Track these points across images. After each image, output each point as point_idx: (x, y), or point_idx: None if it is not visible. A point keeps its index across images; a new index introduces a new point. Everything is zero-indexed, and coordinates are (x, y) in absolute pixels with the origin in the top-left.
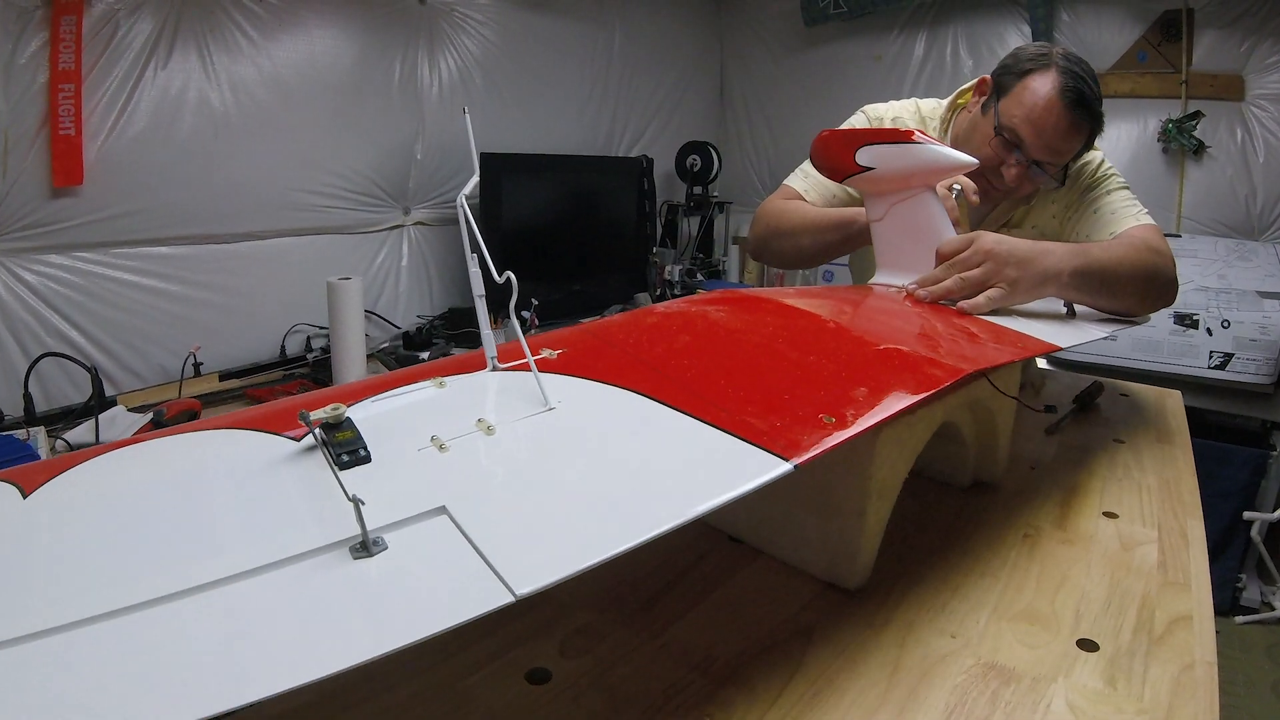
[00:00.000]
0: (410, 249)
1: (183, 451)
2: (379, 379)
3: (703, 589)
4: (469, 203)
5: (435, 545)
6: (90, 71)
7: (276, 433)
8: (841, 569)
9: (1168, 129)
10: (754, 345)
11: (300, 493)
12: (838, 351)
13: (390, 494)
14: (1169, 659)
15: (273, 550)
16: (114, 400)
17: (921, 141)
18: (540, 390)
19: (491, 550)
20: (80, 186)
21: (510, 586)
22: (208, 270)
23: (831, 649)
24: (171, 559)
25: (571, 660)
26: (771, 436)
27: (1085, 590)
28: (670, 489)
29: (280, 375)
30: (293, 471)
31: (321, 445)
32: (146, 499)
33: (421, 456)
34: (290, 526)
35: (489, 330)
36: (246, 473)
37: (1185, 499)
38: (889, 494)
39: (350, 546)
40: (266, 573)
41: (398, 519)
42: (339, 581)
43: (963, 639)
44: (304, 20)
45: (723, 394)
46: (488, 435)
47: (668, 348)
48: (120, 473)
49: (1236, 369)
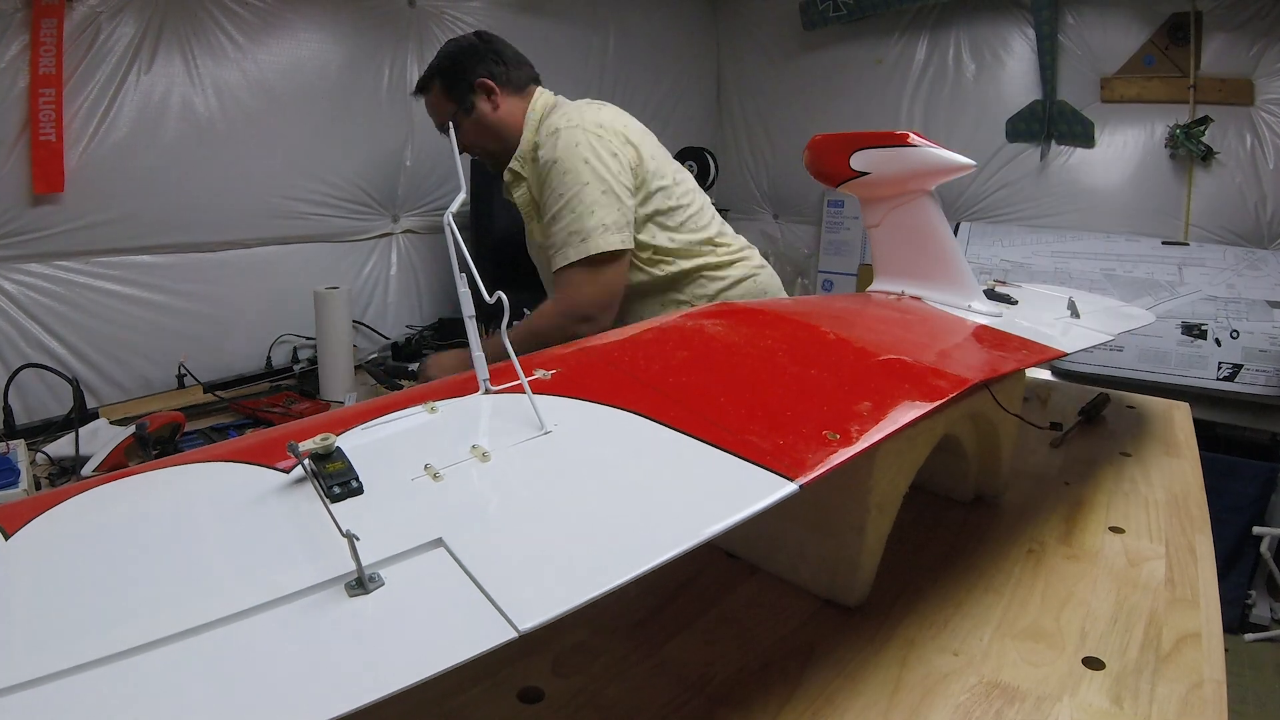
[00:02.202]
0: (399, 258)
1: (169, 488)
2: (369, 405)
3: (699, 606)
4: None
5: (433, 579)
6: (72, 76)
7: (265, 464)
8: (841, 585)
9: (1175, 135)
10: (754, 359)
11: (292, 528)
12: (839, 364)
13: (385, 526)
14: (1177, 677)
15: (266, 590)
16: (96, 412)
17: (918, 144)
18: (535, 413)
19: (491, 583)
20: (61, 194)
21: (513, 621)
22: (192, 279)
23: (831, 667)
24: (160, 602)
25: (565, 678)
26: (776, 456)
27: (1091, 607)
28: (674, 513)
29: (266, 387)
30: (283, 505)
31: (312, 477)
32: (133, 539)
33: (415, 486)
34: (283, 564)
35: (480, 352)
36: (235, 508)
37: (1193, 513)
38: (889, 509)
39: (346, 583)
40: (260, 614)
41: (393, 553)
42: (336, 621)
43: (966, 657)
44: (290, 23)
45: (724, 412)
46: (483, 462)
47: (665, 364)
48: (105, 511)
49: (1246, 380)
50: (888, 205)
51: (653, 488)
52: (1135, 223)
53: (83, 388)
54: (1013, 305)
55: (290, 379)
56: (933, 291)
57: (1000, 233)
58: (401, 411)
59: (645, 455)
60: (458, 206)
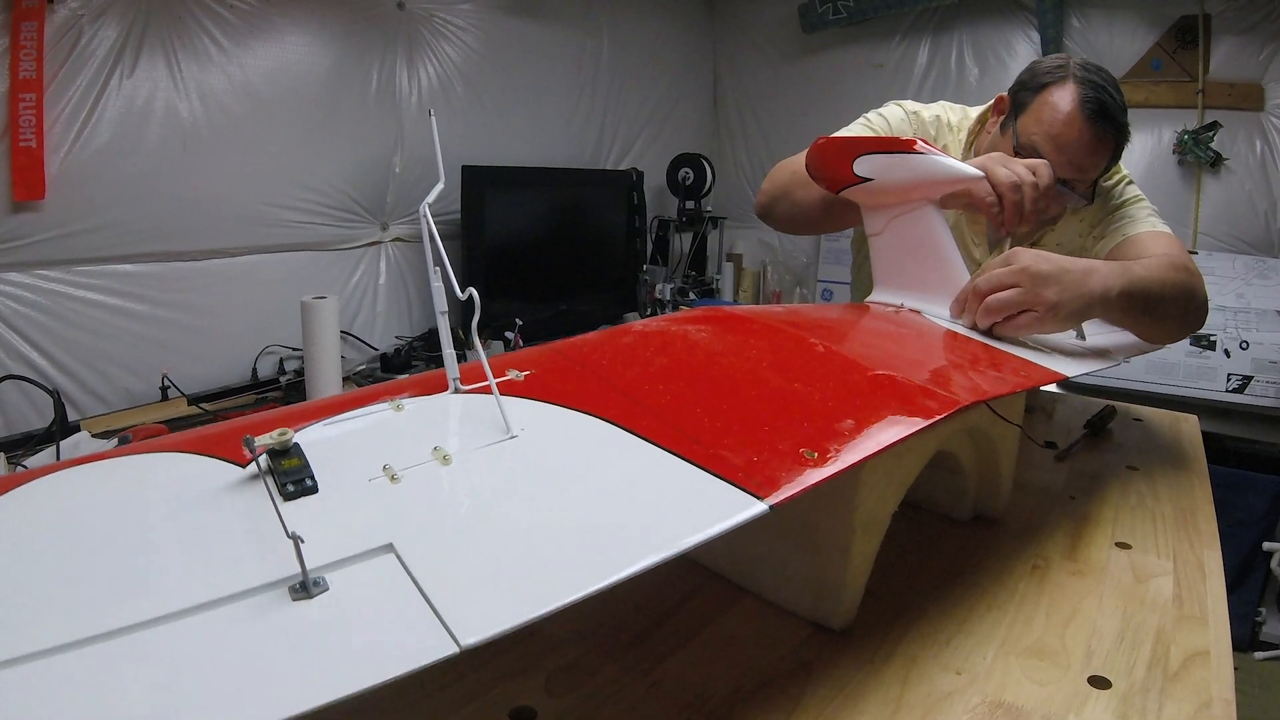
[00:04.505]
0: (388, 267)
1: (120, 478)
2: (333, 400)
3: (696, 624)
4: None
5: (379, 587)
6: (52, 81)
7: (224, 458)
8: (826, 608)
9: (1183, 140)
10: (736, 370)
11: (242, 526)
12: (826, 378)
13: (336, 528)
14: (1185, 697)
15: (208, 589)
16: (77, 425)
17: (924, 151)
18: (502, 416)
19: (438, 594)
20: (42, 201)
21: (455, 636)
22: (176, 289)
23: (831, 686)
24: (99, 598)
25: (558, 698)
26: (748, 473)
27: (1097, 624)
28: (634, 530)
29: (252, 399)
30: (236, 502)
31: (265, 474)
32: (76, 531)
33: (372, 487)
34: (229, 563)
35: (451, 349)
36: (187, 502)
37: (1202, 528)
38: (876, 528)
39: (290, 586)
40: (200, 614)
41: (341, 557)
42: (275, 625)
43: (968, 675)
44: (276, 26)
45: (698, 424)
46: (443, 465)
47: (643, 371)
48: (51, 501)
49: (1256, 392)
50: (890, 213)
51: (615, 501)
52: None
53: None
54: None
55: (277, 391)
56: (933, 305)
57: None
58: (366, 408)
59: (611, 466)
60: (434, 197)
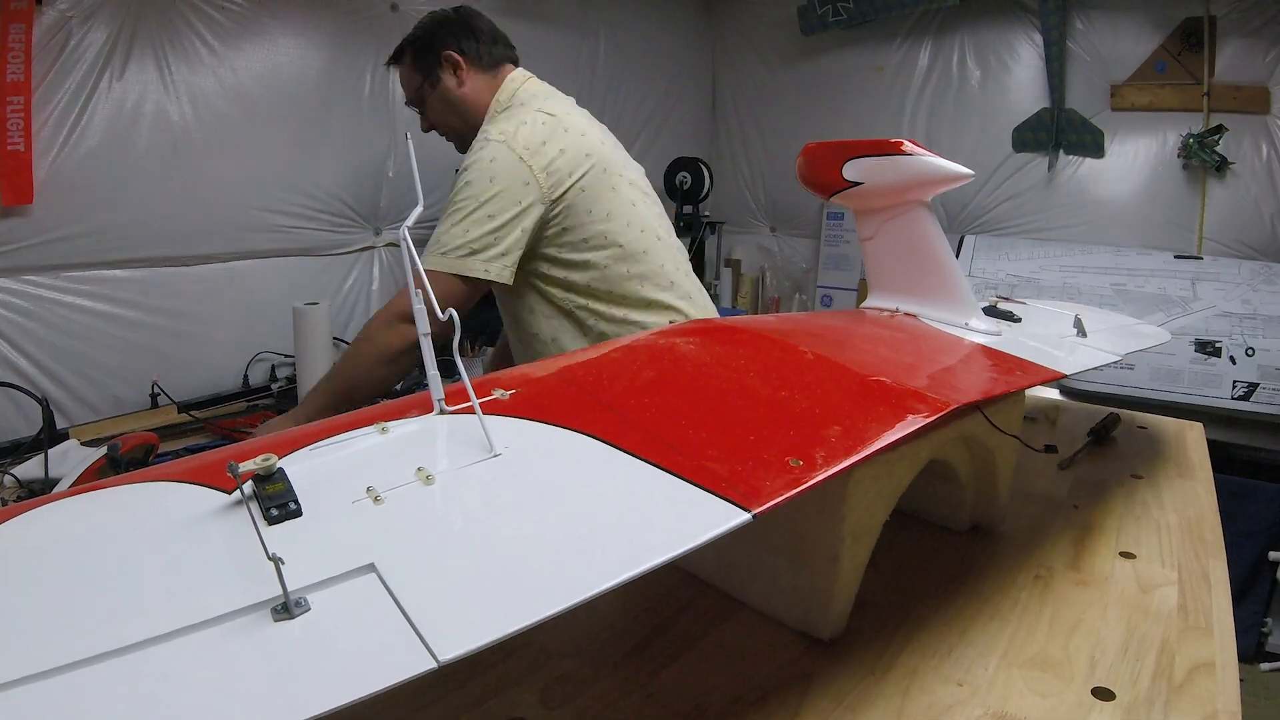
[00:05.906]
0: (382, 272)
1: (110, 508)
2: (320, 425)
3: (693, 634)
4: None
5: (360, 606)
6: (41, 83)
7: (212, 485)
8: (814, 618)
9: (1188, 144)
10: (723, 381)
11: (226, 549)
12: (814, 386)
13: (319, 550)
14: (1189, 709)
15: (192, 612)
16: (66, 433)
17: (913, 153)
18: (485, 436)
19: (417, 611)
20: (30, 205)
21: (433, 651)
22: (166, 295)
23: (830, 698)
24: (85, 621)
25: (553, 710)
26: (731, 483)
27: (1101, 635)
28: (615, 543)
29: (243, 406)
30: (221, 527)
31: (249, 499)
32: (67, 560)
33: (355, 509)
34: (213, 586)
35: (435, 370)
36: (173, 529)
37: (1207, 538)
38: (865, 538)
39: (272, 607)
40: (184, 636)
41: (323, 578)
42: (257, 645)
43: (970, 687)
44: (268, 28)
45: (682, 436)
46: (426, 485)
47: (628, 385)
48: (39, 531)
49: (1262, 400)
50: (882, 217)
51: (596, 516)
52: (1146, 236)
53: (52, 407)
54: (1015, 323)
55: (268, 398)
56: (929, 308)
57: (1006, 246)
58: (352, 432)
59: (594, 482)
60: (414, 220)
